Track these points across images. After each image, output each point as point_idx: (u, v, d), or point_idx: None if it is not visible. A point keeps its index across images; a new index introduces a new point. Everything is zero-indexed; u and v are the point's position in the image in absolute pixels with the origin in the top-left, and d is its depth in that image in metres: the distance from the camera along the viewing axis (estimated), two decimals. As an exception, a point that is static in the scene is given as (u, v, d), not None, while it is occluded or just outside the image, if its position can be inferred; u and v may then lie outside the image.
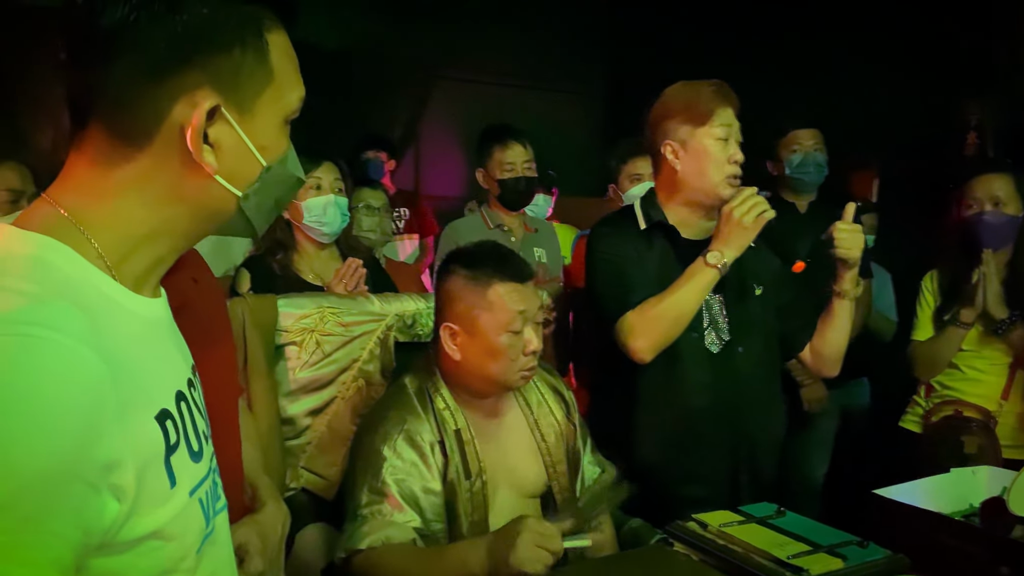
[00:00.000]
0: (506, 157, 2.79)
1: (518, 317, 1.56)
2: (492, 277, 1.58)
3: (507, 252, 1.66)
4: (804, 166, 2.88)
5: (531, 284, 1.62)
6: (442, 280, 1.66)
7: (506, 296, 1.57)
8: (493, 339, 1.56)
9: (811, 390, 2.89)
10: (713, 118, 1.85)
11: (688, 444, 1.89)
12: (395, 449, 1.52)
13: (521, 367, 1.59)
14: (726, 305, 1.91)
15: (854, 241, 1.84)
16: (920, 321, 2.50)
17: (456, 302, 1.60)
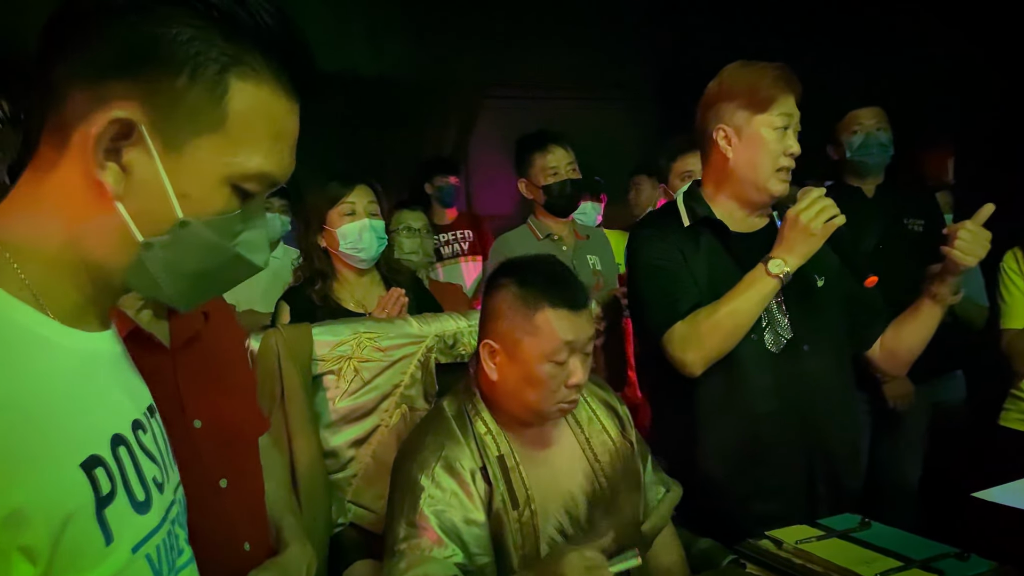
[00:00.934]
0: (548, 162, 2.68)
1: (564, 347, 1.43)
2: (542, 300, 1.43)
3: (563, 273, 1.50)
4: (866, 148, 2.69)
5: (585, 312, 1.47)
6: (490, 292, 1.54)
7: (556, 323, 1.42)
8: (534, 367, 1.43)
9: (895, 386, 2.67)
10: (774, 105, 1.72)
11: (755, 455, 1.74)
12: (433, 478, 1.42)
13: (561, 399, 1.46)
14: (786, 301, 1.76)
15: (977, 246, 1.68)
16: (1011, 307, 2.27)
17: (500, 320, 1.48)
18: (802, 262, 1.67)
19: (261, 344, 1.77)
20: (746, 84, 1.75)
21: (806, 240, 1.65)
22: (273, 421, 1.75)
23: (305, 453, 1.76)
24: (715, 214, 1.80)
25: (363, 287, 2.20)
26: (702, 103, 1.82)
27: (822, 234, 1.65)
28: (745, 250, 1.75)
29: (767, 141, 1.72)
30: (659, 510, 1.66)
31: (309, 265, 2.16)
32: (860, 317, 1.83)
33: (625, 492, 1.61)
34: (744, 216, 1.82)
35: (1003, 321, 2.28)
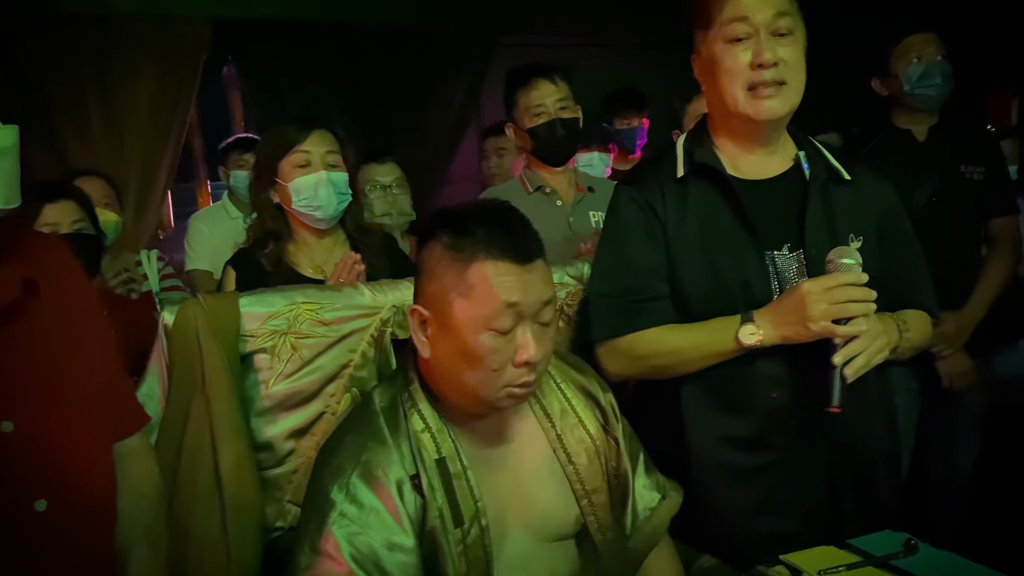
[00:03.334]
0: (532, 100, 2.23)
1: (507, 312, 1.11)
2: (478, 249, 1.13)
3: (510, 219, 1.19)
4: (928, 78, 2.27)
5: (537, 268, 1.15)
6: (421, 243, 1.24)
7: (494, 279, 1.12)
8: (469, 337, 1.12)
9: (952, 362, 2.31)
10: (723, 12, 1.37)
11: (762, 461, 1.41)
12: (348, 491, 1.12)
13: (507, 382, 1.14)
14: (808, 266, 1.40)
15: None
16: None
17: (429, 279, 1.18)
18: (781, 343, 1.33)
19: (176, 317, 1.48)
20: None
21: (797, 325, 1.30)
22: (192, 410, 1.48)
23: (230, 447, 1.47)
24: (718, 158, 1.46)
25: (324, 250, 1.89)
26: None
27: (820, 331, 1.28)
28: (756, 202, 1.41)
29: (720, 59, 1.38)
30: (652, 521, 1.35)
31: (261, 224, 1.86)
32: (899, 290, 1.47)
33: (609, 502, 1.30)
34: (754, 159, 1.46)
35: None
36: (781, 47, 1.36)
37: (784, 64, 1.36)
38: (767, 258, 1.41)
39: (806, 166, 1.45)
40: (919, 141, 2.36)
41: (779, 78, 1.36)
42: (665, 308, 1.45)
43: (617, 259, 1.49)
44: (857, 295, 1.28)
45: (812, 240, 1.40)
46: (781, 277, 1.40)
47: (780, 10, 1.36)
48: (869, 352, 1.27)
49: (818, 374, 1.30)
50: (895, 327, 1.38)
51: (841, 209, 1.42)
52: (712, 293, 1.42)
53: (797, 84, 1.39)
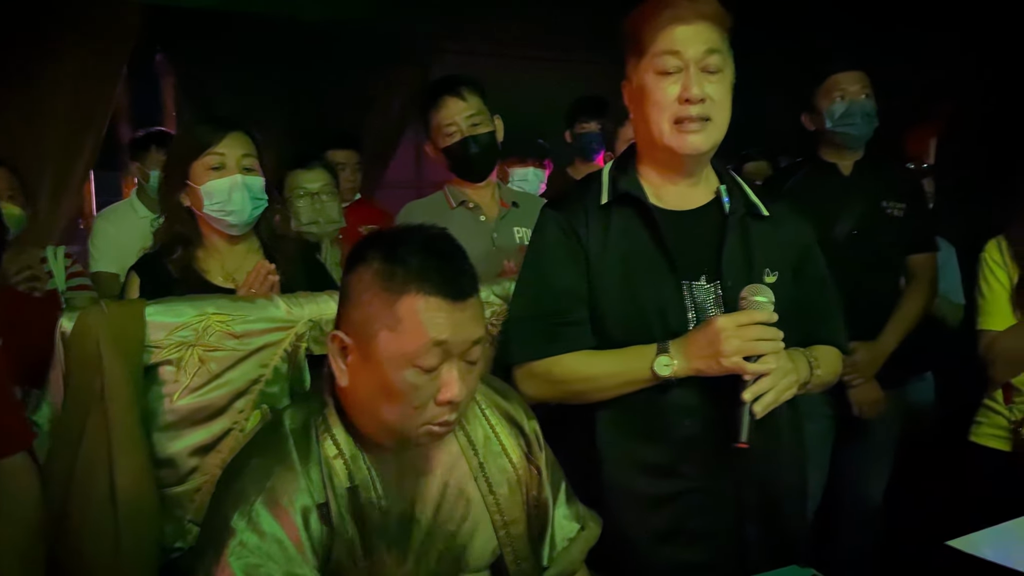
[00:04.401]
0: (442, 118, 2.20)
1: (434, 349, 1.08)
2: (410, 282, 1.08)
3: (446, 250, 1.14)
4: (849, 116, 2.34)
5: (470, 306, 1.11)
6: (349, 266, 1.17)
7: (424, 315, 1.07)
8: (391, 373, 1.08)
9: (863, 391, 2.36)
10: (655, 43, 1.38)
11: (673, 489, 1.41)
12: (250, 519, 1.07)
13: (427, 419, 1.11)
14: (724, 297, 1.41)
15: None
16: (991, 304, 1.92)
17: (355, 306, 1.12)
18: (694, 375, 1.35)
19: (76, 324, 1.41)
20: (632, 24, 1.42)
21: (709, 359, 1.31)
22: (90, 423, 1.40)
23: (128, 462, 1.41)
24: (642, 187, 1.46)
25: (236, 257, 1.81)
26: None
27: (731, 366, 1.29)
28: (676, 233, 1.41)
29: (650, 90, 1.39)
30: (570, 551, 1.33)
31: (168, 228, 1.77)
32: (809, 323, 1.49)
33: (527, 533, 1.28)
34: (676, 190, 1.47)
35: (982, 320, 1.94)
36: (709, 84, 1.37)
37: (711, 101, 1.37)
38: (685, 288, 1.41)
39: (726, 200, 1.46)
40: (844, 175, 2.42)
41: (705, 114, 1.37)
42: (584, 333, 1.44)
43: (539, 282, 1.48)
44: (767, 334, 1.29)
45: (728, 272, 1.41)
46: (698, 307, 1.41)
47: (711, 47, 1.37)
48: (777, 389, 1.29)
49: (730, 406, 1.31)
50: (805, 363, 1.40)
51: (758, 243, 1.44)
52: (630, 320, 1.42)
53: (722, 121, 1.40)
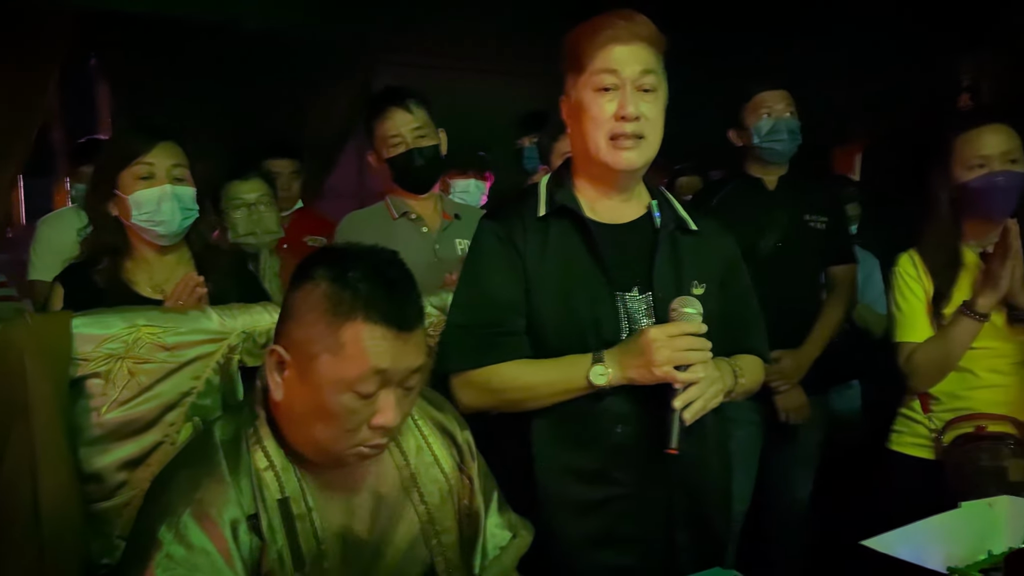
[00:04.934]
0: (387, 130, 2.23)
1: (373, 377, 1.08)
2: (356, 308, 1.08)
3: (395, 279, 1.14)
4: (775, 133, 2.45)
5: (414, 337, 1.12)
6: (296, 283, 1.17)
7: (368, 343, 1.08)
8: (328, 396, 1.08)
9: (788, 397, 2.46)
10: (593, 61, 1.43)
11: (605, 495, 1.45)
12: (178, 531, 1.07)
13: (359, 442, 1.12)
14: (655, 308, 1.46)
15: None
16: (907, 317, 1.99)
17: (297, 324, 1.12)
18: (627, 383, 1.40)
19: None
20: (572, 42, 1.47)
21: (642, 369, 1.36)
22: (12, 437, 1.37)
23: (52, 478, 1.38)
24: (578, 200, 1.50)
25: (165, 268, 1.80)
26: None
27: (662, 375, 1.34)
28: (609, 246, 1.46)
29: (587, 106, 1.43)
30: (502, 560, 1.35)
31: (96, 238, 1.75)
32: (733, 333, 1.56)
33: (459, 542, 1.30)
34: (611, 204, 1.52)
35: (899, 333, 2.00)
36: (644, 103, 1.42)
37: (645, 119, 1.42)
38: (618, 299, 1.46)
39: (657, 215, 1.51)
40: (769, 190, 2.53)
41: (639, 132, 1.42)
42: (521, 343, 1.47)
43: (477, 292, 1.50)
44: (696, 344, 1.35)
45: (659, 284, 1.46)
46: (631, 317, 1.46)
47: (647, 68, 1.43)
48: (705, 397, 1.35)
49: (661, 414, 1.36)
50: (731, 372, 1.46)
51: (686, 257, 1.50)
52: (566, 329, 1.46)
53: (655, 139, 1.45)
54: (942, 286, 1.94)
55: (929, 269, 1.98)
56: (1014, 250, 1.79)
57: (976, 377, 1.92)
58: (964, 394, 1.94)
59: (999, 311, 1.87)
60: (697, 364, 1.35)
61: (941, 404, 1.97)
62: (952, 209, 1.95)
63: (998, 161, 1.87)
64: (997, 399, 1.91)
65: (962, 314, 1.86)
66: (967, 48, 3.21)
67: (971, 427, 1.90)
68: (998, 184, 1.86)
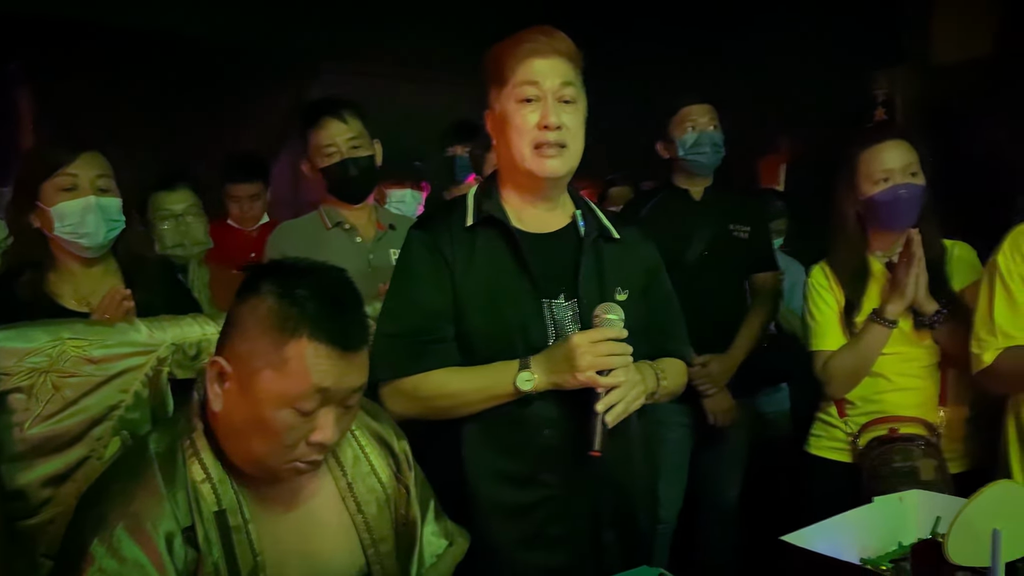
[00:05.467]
0: (322, 140, 2.24)
1: (314, 395, 1.09)
2: (302, 325, 1.08)
3: (342, 298, 1.15)
4: (698, 146, 2.54)
5: (359, 357, 1.14)
6: (242, 295, 1.17)
7: (311, 362, 1.08)
8: (268, 410, 1.09)
9: (716, 400, 2.55)
10: (515, 74, 1.48)
11: (534, 497, 1.49)
12: (111, 545, 1.06)
13: (296, 457, 1.13)
14: (581, 314, 1.51)
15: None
16: (821, 326, 2.06)
17: (241, 337, 1.13)
18: (553, 388, 1.44)
19: None
20: (492, 57, 1.52)
21: (566, 374, 1.41)
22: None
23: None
24: (505, 210, 1.54)
25: (91, 281, 1.77)
26: None
27: (586, 380, 1.39)
28: (536, 254, 1.51)
29: (511, 117, 1.49)
30: (438, 568, 1.38)
31: (17, 250, 1.72)
32: (656, 337, 1.62)
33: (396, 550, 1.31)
34: (536, 213, 1.57)
35: (815, 342, 2.08)
36: (565, 113, 1.48)
37: (567, 129, 1.48)
38: (545, 306, 1.50)
39: (582, 224, 1.57)
40: (695, 200, 2.62)
41: (561, 140, 1.47)
42: (449, 350, 1.50)
43: (405, 301, 1.53)
44: (618, 349, 1.40)
45: (584, 291, 1.51)
46: (557, 324, 1.50)
47: (566, 80, 1.48)
48: (627, 400, 1.40)
49: (585, 417, 1.40)
50: (653, 375, 1.52)
51: (610, 264, 1.55)
52: (494, 336, 1.49)
53: (577, 148, 1.51)
54: (852, 296, 2.03)
55: (839, 280, 2.06)
56: (917, 258, 1.89)
57: (888, 381, 2.01)
58: (877, 398, 2.02)
59: (906, 317, 1.97)
60: (619, 369, 1.40)
61: (856, 408, 2.05)
62: (858, 221, 2.05)
63: (900, 174, 1.97)
64: (908, 402, 2.00)
65: (872, 322, 1.96)
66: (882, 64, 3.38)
67: (884, 430, 1.97)
68: (901, 196, 1.96)
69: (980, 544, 1.16)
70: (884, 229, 2.03)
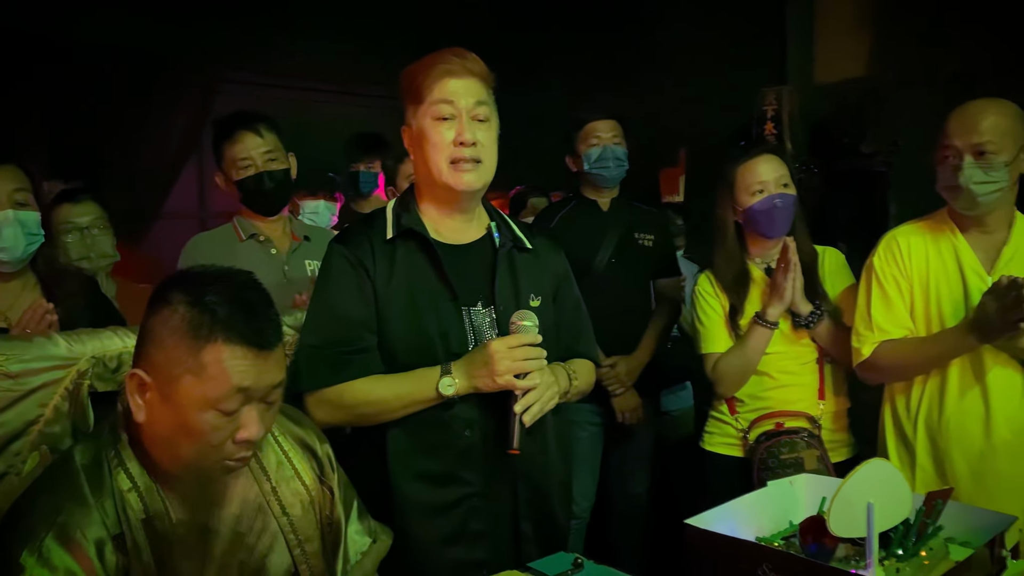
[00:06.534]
0: (237, 152, 2.25)
1: (235, 396, 1.13)
2: (216, 330, 1.12)
3: (253, 300, 1.17)
4: (603, 160, 2.68)
5: (274, 355, 1.17)
6: (153, 307, 1.18)
7: (229, 363, 1.12)
8: (192, 415, 1.12)
9: (623, 399, 2.68)
10: (431, 93, 1.56)
11: (456, 495, 1.57)
12: (40, 554, 1.07)
13: (225, 456, 1.17)
14: (498, 321, 1.60)
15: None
16: (709, 330, 2.22)
17: (157, 347, 1.15)
18: (472, 392, 1.52)
19: None
20: (408, 76, 1.60)
21: (486, 378, 1.50)
22: None
23: None
24: (423, 223, 1.62)
25: (10, 295, 1.74)
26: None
27: (504, 383, 1.48)
28: (454, 265, 1.58)
29: (428, 133, 1.56)
30: (363, 565, 1.43)
31: None
32: (566, 340, 1.73)
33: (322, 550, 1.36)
34: (454, 225, 1.64)
35: (704, 345, 2.22)
36: (479, 130, 1.56)
37: (481, 145, 1.56)
38: (464, 313, 1.58)
39: (496, 235, 1.65)
40: (603, 211, 2.75)
41: (476, 156, 1.55)
42: (372, 360, 1.56)
43: (328, 312, 1.58)
44: (533, 353, 1.50)
45: (501, 299, 1.60)
46: (476, 330, 1.58)
47: (480, 99, 1.57)
48: (543, 401, 1.50)
49: (504, 418, 1.49)
50: (565, 376, 1.62)
51: (523, 273, 1.64)
52: (416, 343, 1.56)
53: (491, 163, 1.59)
54: (736, 300, 2.19)
55: (723, 286, 2.22)
56: (793, 264, 2.07)
57: (772, 379, 2.18)
58: (763, 395, 2.18)
59: (786, 319, 2.15)
60: (534, 371, 1.50)
61: (745, 405, 2.21)
62: (737, 231, 2.22)
63: (773, 185, 2.14)
64: (791, 397, 2.17)
65: (755, 324, 2.13)
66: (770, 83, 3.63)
67: (771, 424, 2.15)
68: (776, 205, 2.13)
69: (857, 517, 1.29)
70: (762, 237, 2.19)
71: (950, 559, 1.35)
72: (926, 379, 1.96)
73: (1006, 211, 1.91)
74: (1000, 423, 1.88)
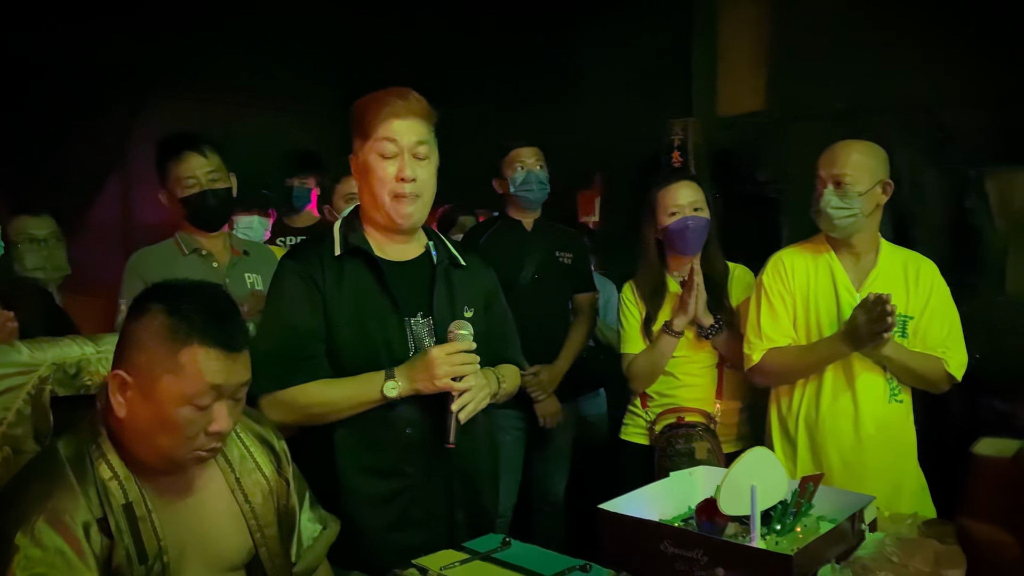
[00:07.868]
0: (182, 171, 2.39)
1: (209, 391, 1.28)
2: (192, 335, 1.27)
3: (224, 309, 1.33)
4: (527, 184, 2.90)
5: (242, 356, 1.33)
6: (133, 316, 1.33)
7: (203, 363, 1.27)
8: (171, 409, 1.27)
9: (545, 405, 2.89)
10: (377, 131, 1.71)
11: (397, 486, 1.73)
12: (33, 535, 1.19)
13: (198, 447, 1.32)
14: (436, 330, 1.78)
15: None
16: (628, 334, 2.51)
17: (140, 351, 1.29)
18: (413, 393, 1.68)
19: None
20: (358, 112, 1.74)
21: (426, 381, 1.65)
22: None
23: None
24: (368, 242, 1.77)
25: None
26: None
27: (443, 385, 1.65)
28: (396, 280, 1.75)
29: (373, 168, 1.71)
30: (315, 549, 1.58)
31: None
32: (495, 347, 1.91)
33: (279, 534, 1.51)
34: (395, 244, 1.81)
35: (622, 346, 2.51)
36: (419, 167, 1.72)
37: (421, 181, 1.72)
38: (406, 323, 1.75)
39: (434, 253, 1.83)
40: (527, 230, 2.97)
41: (416, 191, 1.72)
42: (322, 365, 1.71)
43: (281, 323, 1.72)
44: (468, 359, 1.68)
45: (438, 310, 1.77)
46: (416, 338, 1.75)
47: (421, 139, 1.73)
48: (476, 401, 1.68)
49: (442, 416, 1.67)
50: (495, 379, 1.81)
51: (458, 287, 1.82)
52: (362, 350, 1.72)
53: (428, 197, 1.76)
54: (651, 310, 2.48)
55: (642, 296, 2.51)
56: (697, 284, 2.36)
57: (677, 379, 2.48)
58: (670, 392, 2.49)
59: (691, 328, 2.44)
60: (469, 375, 1.68)
61: (655, 401, 2.50)
62: (657, 248, 2.50)
63: (688, 208, 2.43)
64: (693, 396, 2.47)
65: (664, 332, 2.43)
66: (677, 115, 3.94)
67: (674, 418, 2.44)
68: (688, 226, 2.42)
69: (743, 497, 1.49)
70: (677, 254, 2.48)
71: (820, 533, 1.53)
72: (805, 383, 2.24)
73: (869, 235, 2.21)
74: (867, 420, 2.17)
